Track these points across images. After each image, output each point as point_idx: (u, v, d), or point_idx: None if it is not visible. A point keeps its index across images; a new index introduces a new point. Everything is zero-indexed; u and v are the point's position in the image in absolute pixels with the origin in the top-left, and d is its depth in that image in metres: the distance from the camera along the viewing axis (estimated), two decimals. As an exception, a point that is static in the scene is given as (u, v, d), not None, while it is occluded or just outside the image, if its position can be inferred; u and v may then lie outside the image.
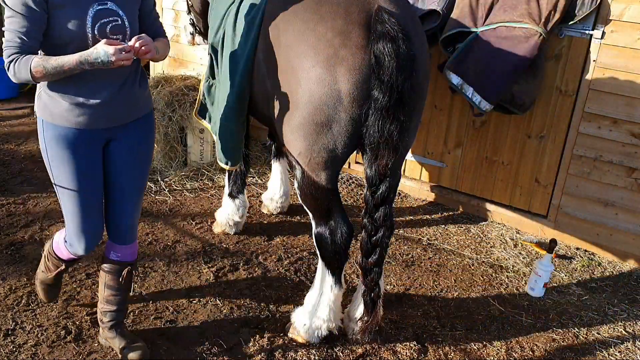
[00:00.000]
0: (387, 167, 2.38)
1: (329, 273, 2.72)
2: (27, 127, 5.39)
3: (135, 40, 2.11)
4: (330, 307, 2.77)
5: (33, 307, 2.93)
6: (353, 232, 2.67)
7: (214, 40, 3.13)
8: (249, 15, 2.76)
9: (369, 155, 2.41)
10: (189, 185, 4.44)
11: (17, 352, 2.63)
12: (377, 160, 2.38)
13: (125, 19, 2.22)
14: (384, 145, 2.34)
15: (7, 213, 3.80)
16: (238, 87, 2.88)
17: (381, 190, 2.42)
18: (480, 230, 4.11)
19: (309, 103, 2.39)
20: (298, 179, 2.61)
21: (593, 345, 3.03)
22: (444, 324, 3.09)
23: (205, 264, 3.43)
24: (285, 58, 2.46)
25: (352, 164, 4.83)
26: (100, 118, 2.28)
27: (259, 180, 4.65)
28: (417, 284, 3.43)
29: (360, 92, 2.33)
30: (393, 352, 2.84)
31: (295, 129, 2.47)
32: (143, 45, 2.12)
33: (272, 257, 3.57)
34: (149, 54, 2.15)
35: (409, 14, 2.53)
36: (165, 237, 3.70)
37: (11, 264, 3.27)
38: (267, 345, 2.82)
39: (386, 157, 2.36)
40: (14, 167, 4.49)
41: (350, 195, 4.49)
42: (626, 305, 3.39)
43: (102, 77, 2.22)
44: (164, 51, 2.38)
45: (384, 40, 2.26)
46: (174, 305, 3.06)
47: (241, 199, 3.71)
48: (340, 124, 2.38)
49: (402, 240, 3.91)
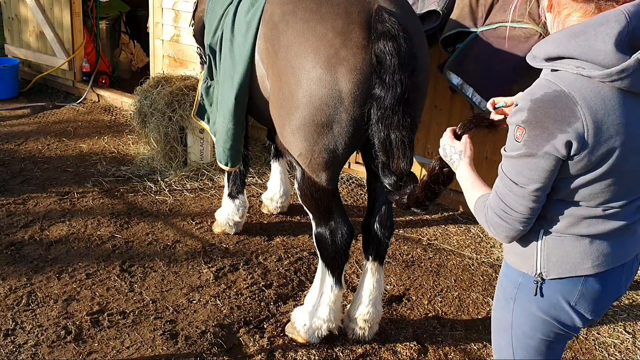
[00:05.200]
0: (407, 166, 2.34)
1: (329, 273, 2.72)
2: (27, 127, 5.39)
3: None
4: (330, 308, 2.77)
5: (33, 307, 2.93)
6: (353, 233, 2.67)
7: (212, 41, 3.12)
8: (248, 16, 2.76)
9: (383, 159, 2.37)
10: (189, 185, 4.44)
11: (17, 352, 2.63)
12: (393, 162, 2.34)
13: None
14: (395, 144, 2.32)
15: (7, 213, 3.80)
16: (237, 88, 2.87)
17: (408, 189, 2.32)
18: (480, 230, 4.11)
19: (309, 104, 2.38)
20: (298, 180, 2.61)
21: (593, 345, 3.03)
22: (444, 324, 3.09)
23: (205, 264, 3.43)
24: (285, 58, 2.46)
25: (352, 164, 4.83)
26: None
27: (259, 180, 4.65)
28: (417, 284, 3.43)
29: (361, 92, 2.33)
30: (393, 352, 2.84)
31: (295, 129, 2.47)
32: None
33: (272, 257, 3.57)
34: None
35: (408, 13, 2.53)
36: (165, 237, 3.70)
37: (11, 264, 3.27)
38: (267, 345, 2.82)
39: (401, 157, 2.33)
40: (14, 167, 4.49)
41: (350, 195, 4.49)
42: (626, 305, 3.39)
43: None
44: None
45: (385, 39, 2.26)
46: (174, 305, 3.06)
47: (241, 199, 3.71)
48: (341, 124, 2.38)
49: (402, 240, 3.91)
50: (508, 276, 1.73)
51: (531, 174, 1.46)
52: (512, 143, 1.48)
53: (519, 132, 1.45)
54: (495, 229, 1.57)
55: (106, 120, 5.72)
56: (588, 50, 1.38)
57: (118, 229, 3.73)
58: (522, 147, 1.45)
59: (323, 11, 2.37)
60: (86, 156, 4.81)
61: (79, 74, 6.29)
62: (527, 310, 1.67)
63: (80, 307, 2.97)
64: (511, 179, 1.50)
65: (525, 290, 1.65)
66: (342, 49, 2.31)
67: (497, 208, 1.54)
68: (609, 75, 1.36)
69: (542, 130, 1.40)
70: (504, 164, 1.53)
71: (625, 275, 1.66)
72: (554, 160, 1.42)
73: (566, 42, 1.42)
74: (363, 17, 2.33)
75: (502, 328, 1.77)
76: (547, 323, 1.66)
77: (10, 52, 6.61)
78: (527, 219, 1.52)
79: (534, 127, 1.41)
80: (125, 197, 4.16)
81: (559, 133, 1.39)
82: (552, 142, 1.40)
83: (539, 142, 1.41)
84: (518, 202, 1.50)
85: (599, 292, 1.61)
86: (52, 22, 6.07)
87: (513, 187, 1.50)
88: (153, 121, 4.55)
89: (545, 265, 1.60)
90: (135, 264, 3.37)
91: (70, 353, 2.66)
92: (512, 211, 1.51)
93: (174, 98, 4.54)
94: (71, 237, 3.59)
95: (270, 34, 2.56)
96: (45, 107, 5.93)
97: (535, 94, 1.43)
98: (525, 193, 1.48)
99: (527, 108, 1.43)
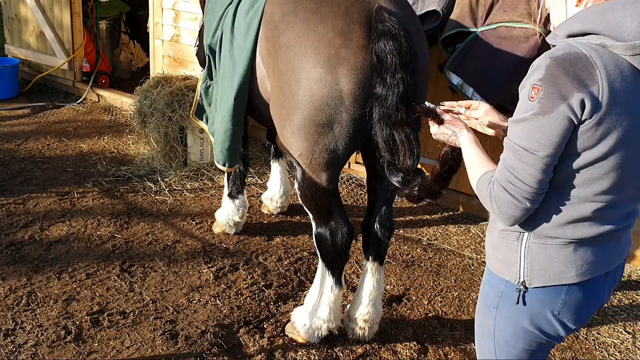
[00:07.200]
0: (413, 163, 2.33)
1: (329, 273, 2.72)
2: (27, 127, 5.39)
3: None
4: (330, 308, 2.77)
5: (33, 307, 2.93)
6: (353, 233, 2.67)
7: (212, 41, 3.12)
8: (248, 16, 2.76)
9: (388, 157, 2.35)
10: (189, 185, 4.44)
11: (17, 352, 2.63)
12: (399, 160, 2.33)
13: None
14: (400, 142, 2.31)
15: (7, 213, 3.80)
16: (236, 88, 2.87)
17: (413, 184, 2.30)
18: (480, 230, 4.11)
19: (310, 104, 2.38)
20: (298, 180, 2.61)
21: (593, 345, 3.03)
22: (444, 324, 3.09)
23: (205, 264, 3.43)
24: (286, 59, 2.46)
25: (352, 164, 4.83)
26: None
27: (259, 180, 4.65)
28: (417, 284, 3.43)
29: (362, 92, 2.33)
30: (393, 352, 2.84)
31: (296, 130, 2.47)
32: None
33: (272, 257, 3.57)
34: None
35: (409, 13, 2.53)
36: (165, 237, 3.70)
37: (11, 264, 3.27)
38: (267, 345, 2.82)
39: (407, 154, 2.31)
40: (14, 167, 4.49)
41: (350, 195, 4.49)
42: (626, 305, 3.39)
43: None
44: None
45: (386, 38, 2.26)
46: (174, 305, 3.06)
47: (241, 199, 3.71)
48: (342, 124, 2.38)
49: (402, 240, 3.91)
50: (490, 283, 1.70)
51: (543, 138, 1.40)
52: (526, 104, 1.43)
53: (534, 91, 1.40)
54: (500, 206, 1.50)
55: (106, 120, 5.72)
56: (615, 26, 1.38)
57: (118, 229, 3.73)
58: (536, 105, 1.40)
59: (323, 11, 2.37)
60: (86, 156, 4.81)
61: (79, 74, 6.29)
62: (509, 320, 1.65)
63: (80, 307, 2.97)
64: (521, 146, 1.43)
65: (508, 299, 1.63)
66: (343, 48, 2.31)
67: (504, 180, 1.47)
68: (632, 47, 1.36)
69: (559, 89, 1.37)
70: (513, 132, 1.47)
71: (609, 283, 1.64)
72: (567, 121, 1.38)
73: (593, 18, 1.42)
74: (363, 17, 2.33)
75: (485, 333, 1.76)
76: (529, 333, 1.64)
77: (10, 52, 6.61)
78: (535, 194, 1.45)
79: (551, 85, 1.38)
80: (125, 197, 4.16)
81: (576, 92, 1.36)
82: (567, 101, 1.37)
83: (555, 100, 1.38)
84: (527, 171, 1.43)
85: (582, 300, 1.59)
86: (52, 22, 6.07)
87: (523, 154, 1.43)
88: (153, 121, 4.55)
89: (529, 273, 1.57)
90: (135, 264, 3.37)
91: (70, 353, 2.66)
92: (520, 183, 1.44)
93: (174, 98, 4.54)
94: (71, 237, 3.59)
95: (271, 34, 2.55)
96: (45, 107, 5.93)
97: (556, 53, 1.41)
98: (536, 161, 1.42)
99: (545, 65, 1.40)
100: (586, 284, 1.57)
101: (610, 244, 1.57)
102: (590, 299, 1.60)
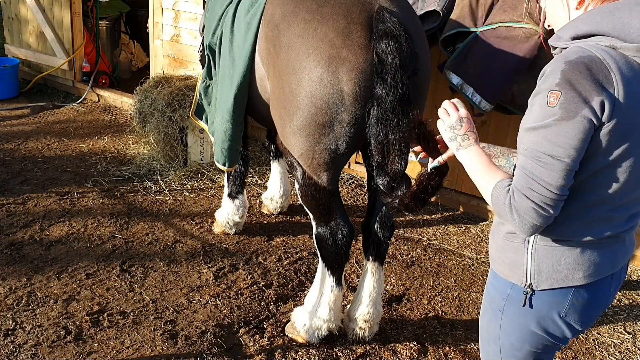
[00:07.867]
0: (401, 167, 2.33)
1: (329, 273, 2.72)
2: (27, 127, 5.39)
3: None
4: (330, 308, 2.77)
5: (33, 307, 2.93)
6: (353, 233, 2.67)
7: (211, 40, 3.12)
8: (248, 16, 2.76)
9: (378, 159, 2.36)
10: (189, 185, 4.44)
11: (17, 352, 2.63)
12: (388, 163, 2.33)
13: None
14: (391, 145, 2.31)
15: (7, 213, 3.80)
16: (236, 88, 2.87)
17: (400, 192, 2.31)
18: (480, 230, 4.11)
19: (310, 104, 2.38)
20: (299, 180, 2.61)
21: (593, 345, 3.03)
22: (444, 324, 3.09)
23: (205, 264, 3.43)
24: (287, 59, 2.46)
25: (352, 164, 4.83)
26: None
27: (259, 180, 4.65)
28: (417, 284, 3.43)
29: (362, 92, 2.33)
30: (393, 352, 2.84)
31: (296, 130, 2.47)
32: None
33: (272, 257, 3.57)
34: None
35: (409, 13, 2.53)
36: (165, 237, 3.70)
37: (11, 264, 3.26)
38: (267, 345, 2.82)
39: (396, 158, 2.31)
40: (14, 167, 4.49)
41: (350, 195, 4.49)
42: (626, 305, 3.39)
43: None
44: None
45: (386, 38, 2.26)
46: (174, 305, 3.05)
47: (241, 199, 3.71)
48: (343, 124, 2.38)
49: (402, 240, 3.91)
50: (496, 287, 1.69)
51: (566, 143, 1.37)
52: (544, 110, 1.39)
53: (552, 96, 1.37)
54: (522, 215, 1.44)
55: (106, 120, 5.72)
56: (622, 27, 1.38)
57: (118, 229, 3.73)
58: (557, 110, 1.36)
59: (324, 11, 2.37)
60: (86, 156, 4.81)
61: (79, 74, 6.29)
62: (515, 323, 1.64)
63: (80, 307, 2.97)
64: (544, 152, 1.39)
65: (514, 302, 1.62)
66: (344, 49, 2.31)
67: (526, 188, 1.42)
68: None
69: (579, 92, 1.35)
70: (532, 139, 1.42)
71: (614, 284, 1.64)
72: (590, 125, 1.36)
73: (599, 19, 1.41)
74: (364, 17, 2.33)
75: (490, 338, 1.75)
76: (535, 335, 1.63)
77: (10, 52, 6.61)
78: (557, 200, 1.42)
79: (570, 89, 1.35)
80: (125, 197, 4.16)
81: (596, 95, 1.35)
82: (589, 103, 1.35)
83: (577, 104, 1.35)
84: (551, 177, 1.40)
85: (589, 302, 1.59)
86: (52, 22, 6.07)
87: (546, 161, 1.40)
88: (153, 121, 4.55)
89: (536, 275, 1.56)
90: (135, 264, 3.37)
91: (70, 353, 2.66)
92: (544, 190, 1.40)
93: (174, 98, 4.54)
94: (71, 237, 3.59)
95: (271, 34, 2.55)
96: (45, 107, 5.93)
97: (569, 57, 1.39)
98: (560, 166, 1.38)
99: (560, 70, 1.37)
100: (593, 285, 1.57)
101: (615, 245, 1.58)
102: (597, 300, 1.61)
